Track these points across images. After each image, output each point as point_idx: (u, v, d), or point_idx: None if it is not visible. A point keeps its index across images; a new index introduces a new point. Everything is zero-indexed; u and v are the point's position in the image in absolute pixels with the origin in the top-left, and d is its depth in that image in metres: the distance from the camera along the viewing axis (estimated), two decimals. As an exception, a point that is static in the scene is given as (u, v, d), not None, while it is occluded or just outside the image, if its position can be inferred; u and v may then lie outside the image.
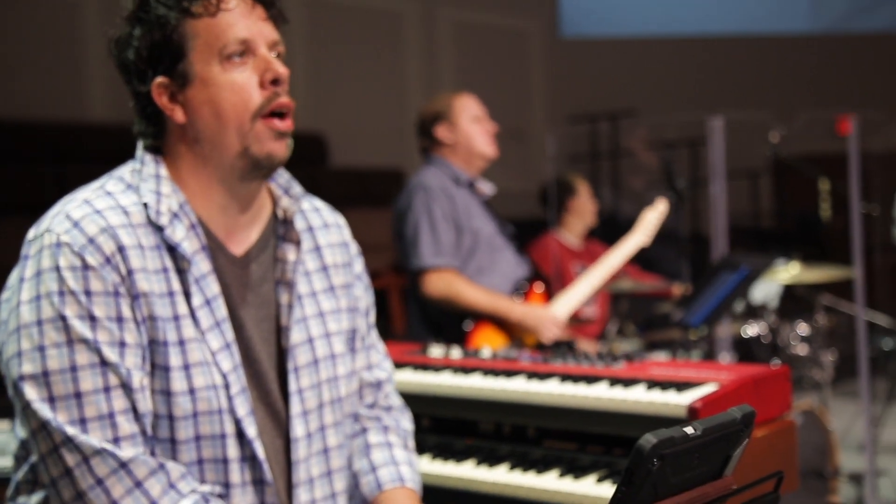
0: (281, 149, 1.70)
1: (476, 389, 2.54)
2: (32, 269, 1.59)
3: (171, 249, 1.64)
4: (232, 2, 1.67)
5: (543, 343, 3.57)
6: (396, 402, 2.02)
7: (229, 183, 1.70)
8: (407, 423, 2.02)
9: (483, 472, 2.42)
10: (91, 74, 7.40)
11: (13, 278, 1.62)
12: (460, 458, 2.51)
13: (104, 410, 1.55)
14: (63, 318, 1.55)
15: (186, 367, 1.62)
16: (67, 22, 7.47)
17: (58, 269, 1.56)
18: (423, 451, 2.53)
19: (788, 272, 4.38)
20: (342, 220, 1.96)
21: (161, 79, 1.67)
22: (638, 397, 2.31)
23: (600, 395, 2.36)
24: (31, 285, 1.58)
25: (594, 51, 10.51)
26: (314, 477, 1.76)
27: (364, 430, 1.94)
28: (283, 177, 1.83)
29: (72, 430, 1.54)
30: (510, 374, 2.57)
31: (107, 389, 1.56)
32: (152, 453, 1.60)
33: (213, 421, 1.63)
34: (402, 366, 2.70)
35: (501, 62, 10.07)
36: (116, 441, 1.56)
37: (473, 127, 3.77)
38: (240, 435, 1.65)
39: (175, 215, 1.66)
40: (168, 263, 1.64)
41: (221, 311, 1.67)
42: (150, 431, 1.60)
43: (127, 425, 1.57)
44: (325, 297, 1.83)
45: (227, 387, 1.64)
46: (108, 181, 1.69)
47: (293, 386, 1.74)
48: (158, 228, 1.64)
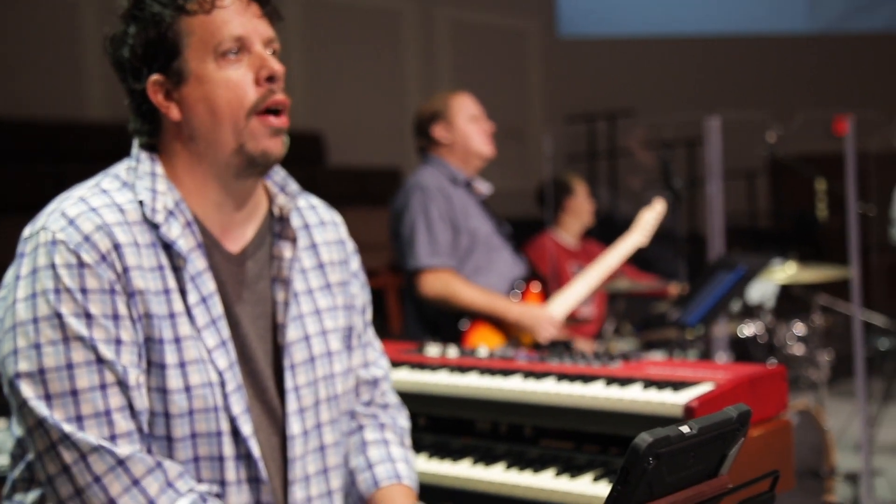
0: (276, 146, 1.70)
1: (473, 388, 2.54)
2: (28, 267, 1.59)
3: (167, 247, 1.64)
4: None
5: (540, 343, 3.57)
6: (393, 399, 2.02)
7: (225, 180, 1.70)
8: (403, 420, 2.02)
9: (479, 472, 2.42)
10: (90, 73, 7.40)
11: (9, 276, 1.62)
12: (457, 457, 2.51)
13: (101, 408, 1.55)
14: (59, 315, 1.55)
15: (182, 364, 1.62)
16: (66, 21, 7.47)
17: (53, 266, 1.56)
18: (419, 450, 2.53)
19: (785, 272, 4.38)
20: (338, 218, 1.96)
21: (156, 76, 1.67)
22: (634, 396, 2.31)
23: (597, 394, 2.36)
24: (27, 283, 1.58)
25: (592, 50, 10.51)
26: (310, 474, 1.76)
27: (360, 428, 1.94)
28: (279, 174, 1.83)
29: (68, 428, 1.54)
30: (507, 373, 2.57)
31: (103, 387, 1.56)
32: (149, 451, 1.60)
33: (208, 418, 1.63)
34: (399, 365, 2.70)
35: (499, 62, 10.07)
36: (113, 438, 1.56)
37: (471, 126, 3.76)
38: (235, 433, 1.65)
39: (170, 213, 1.66)
40: (164, 261, 1.64)
41: (217, 308, 1.67)
42: (146, 429, 1.60)
43: (124, 423, 1.57)
44: (321, 294, 1.83)
45: (223, 384, 1.64)
46: (103, 179, 1.69)
47: (289, 383, 1.74)
48: (154, 226, 1.64)
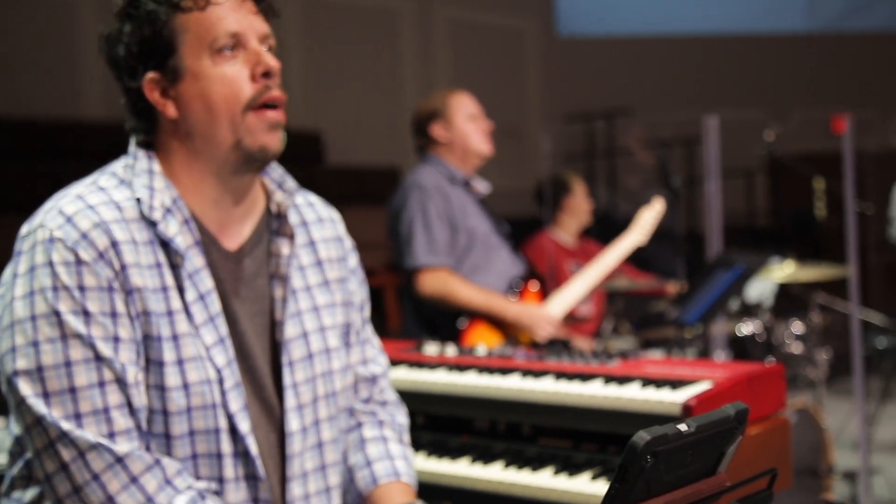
0: (274, 141, 1.69)
1: (471, 387, 2.54)
2: (26, 265, 1.58)
3: (165, 244, 1.64)
4: None
5: (538, 341, 3.57)
6: (392, 396, 2.02)
7: (222, 176, 1.70)
8: (402, 417, 2.01)
9: (478, 470, 2.42)
10: (88, 73, 7.40)
11: (7, 274, 1.62)
12: (455, 455, 2.50)
13: (99, 405, 1.55)
14: (57, 313, 1.55)
15: (180, 362, 1.61)
16: (65, 20, 7.46)
17: (51, 264, 1.56)
18: (417, 448, 2.53)
19: (783, 271, 4.38)
20: (336, 215, 1.96)
21: (152, 74, 1.67)
22: (632, 395, 2.31)
23: (595, 392, 2.36)
24: (25, 281, 1.57)
25: (590, 50, 10.52)
26: (308, 471, 1.76)
27: (359, 425, 1.94)
28: (276, 171, 1.83)
29: (67, 426, 1.54)
30: (505, 371, 2.57)
31: (101, 384, 1.56)
32: (147, 448, 1.60)
33: (206, 416, 1.63)
34: (397, 364, 2.70)
35: (498, 61, 10.07)
36: (112, 436, 1.55)
37: (469, 125, 3.75)
38: (233, 430, 1.65)
39: (168, 210, 1.65)
40: (161, 258, 1.64)
41: (215, 305, 1.67)
42: (144, 426, 1.60)
43: (122, 420, 1.57)
44: (319, 291, 1.83)
45: (221, 381, 1.64)
46: (100, 177, 1.69)
47: (288, 380, 1.74)
48: (151, 223, 1.64)
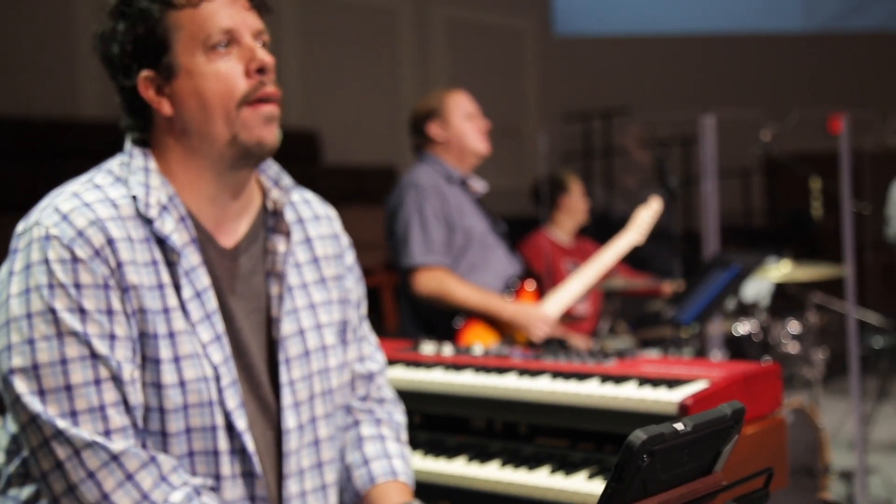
0: (271, 134, 1.69)
1: (468, 386, 2.53)
2: (22, 263, 1.58)
3: (161, 242, 1.64)
4: None
5: (534, 341, 3.56)
6: (389, 394, 2.02)
7: (219, 173, 1.70)
8: (399, 415, 2.01)
9: (475, 469, 2.42)
10: (85, 72, 7.39)
11: (2, 272, 1.62)
12: (452, 454, 2.50)
13: (95, 403, 1.55)
14: (53, 310, 1.55)
15: (177, 359, 1.61)
16: (62, 20, 7.45)
17: (47, 262, 1.56)
18: (414, 447, 2.52)
19: (780, 270, 4.38)
20: (333, 212, 1.96)
21: (146, 72, 1.67)
22: (629, 394, 2.31)
23: (591, 391, 2.36)
24: (21, 278, 1.57)
25: (588, 49, 10.53)
26: (305, 468, 1.76)
27: (356, 423, 1.94)
28: (272, 168, 1.83)
29: (62, 423, 1.54)
30: (502, 370, 2.57)
31: (97, 382, 1.56)
32: (143, 446, 1.60)
33: (203, 413, 1.62)
34: (394, 363, 2.70)
35: (495, 60, 10.08)
36: (107, 434, 1.55)
37: (466, 124, 3.75)
38: (230, 427, 1.65)
39: (164, 208, 1.65)
40: (157, 256, 1.64)
41: (211, 303, 1.67)
42: (140, 424, 1.60)
43: (118, 418, 1.57)
44: (316, 288, 1.83)
45: (218, 379, 1.64)
46: (96, 174, 1.69)
47: (284, 377, 1.74)
48: (147, 221, 1.64)
